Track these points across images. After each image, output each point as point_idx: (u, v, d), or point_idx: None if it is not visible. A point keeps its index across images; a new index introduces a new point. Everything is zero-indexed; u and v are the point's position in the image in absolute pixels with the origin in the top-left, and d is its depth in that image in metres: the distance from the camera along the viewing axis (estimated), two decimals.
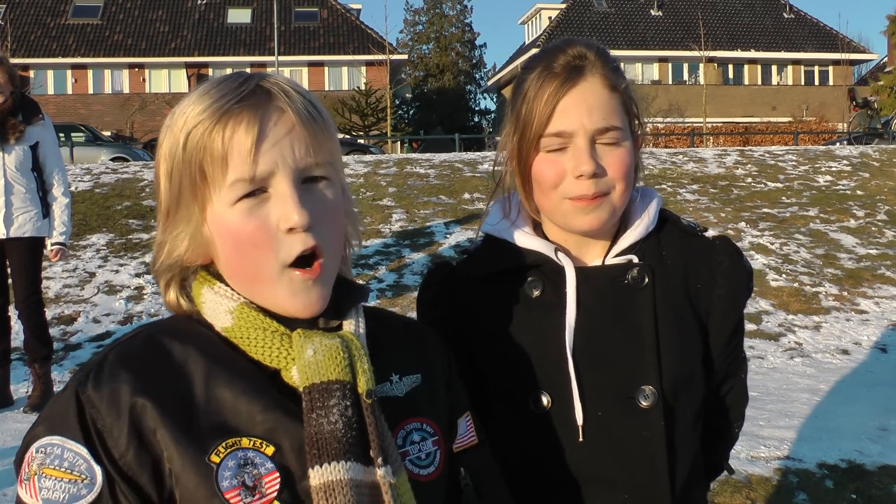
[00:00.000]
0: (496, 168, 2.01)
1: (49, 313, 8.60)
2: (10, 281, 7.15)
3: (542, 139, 1.82)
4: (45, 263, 7.38)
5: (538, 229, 1.96)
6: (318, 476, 1.30)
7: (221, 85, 1.40)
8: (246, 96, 1.37)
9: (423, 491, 1.42)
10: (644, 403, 1.79)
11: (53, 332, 8.30)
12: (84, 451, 1.29)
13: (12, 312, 7.24)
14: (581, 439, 1.80)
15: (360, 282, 1.61)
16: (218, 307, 1.42)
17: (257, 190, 1.36)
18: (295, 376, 1.37)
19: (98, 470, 1.29)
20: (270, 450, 1.33)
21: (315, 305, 1.41)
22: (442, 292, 1.98)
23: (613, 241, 1.90)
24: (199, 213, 1.41)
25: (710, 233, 1.99)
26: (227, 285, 1.44)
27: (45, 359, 7.10)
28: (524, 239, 1.91)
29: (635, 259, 1.86)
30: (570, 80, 1.81)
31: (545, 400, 1.82)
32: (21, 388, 7.29)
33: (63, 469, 1.29)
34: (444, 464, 1.53)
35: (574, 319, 1.82)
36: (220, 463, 1.30)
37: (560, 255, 1.86)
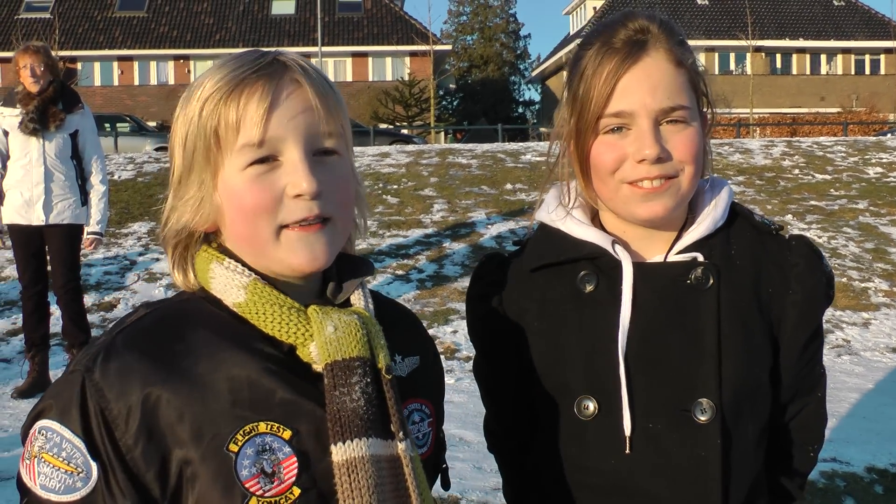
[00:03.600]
0: (550, 160, 1.86)
1: (89, 300, 8.66)
2: (49, 267, 7.22)
3: (602, 120, 1.67)
4: (86, 250, 7.45)
5: (596, 220, 1.81)
6: (341, 453, 1.32)
7: (239, 58, 1.43)
8: (263, 67, 1.40)
9: None
10: (700, 418, 1.63)
11: (93, 318, 8.33)
12: (81, 446, 1.29)
13: (52, 298, 7.29)
14: (627, 451, 1.66)
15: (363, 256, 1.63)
16: (230, 283, 1.41)
17: (269, 157, 1.38)
18: (313, 352, 1.37)
19: (94, 466, 1.29)
20: (288, 434, 1.34)
21: (319, 259, 1.41)
22: (490, 285, 1.86)
23: (678, 236, 1.75)
24: (210, 178, 1.42)
25: (788, 232, 1.81)
26: (236, 260, 1.43)
27: (84, 345, 7.07)
28: (579, 229, 1.77)
29: (700, 257, 1.71)
30: (631, 56, 1.66)
31: (591, 406, 1.68)
32: (60, 373, 7.25)
33: (61, 459, 1.29)
34: (434, 445, 1.58)
35: (628, 320, 1.67)
36: (238, 451, 1.30)
37: (617, 248, 1.72)
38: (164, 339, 1.37)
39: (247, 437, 1.31)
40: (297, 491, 1.31)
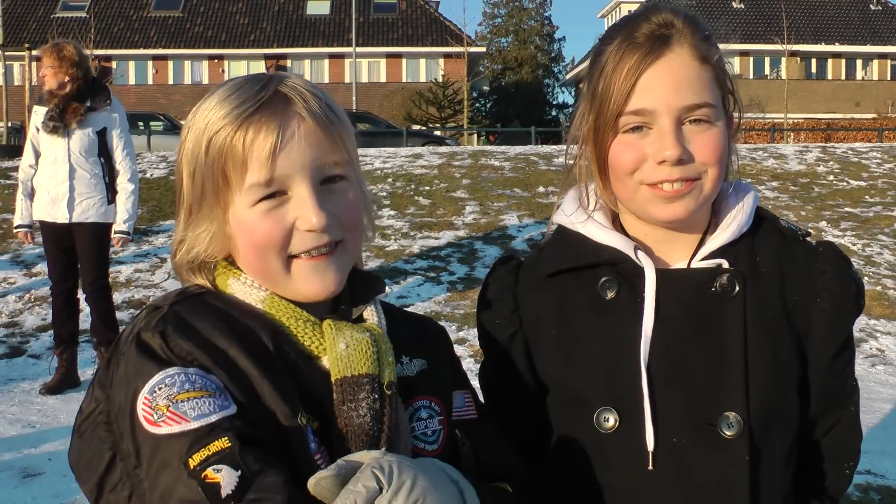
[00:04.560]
0: (568, 161, 1.79)
1: (119, 297, 8.72)
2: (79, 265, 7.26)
3: (621, 118, 1.60)
4: (114, 249, 7.47)
5: (617, 223, 1.74)
6: None
7: (241, 90, 1.45)
8: (265, 103, 1.42)
9: None
10: (727, 433, 1.56)
11: (123, 315, 8.36)
12: (202, 372, 1.32)
13: (82, 295, 7.33)
14: (650, 468, 1.58)
15: (376, 274, 1.69)
16: (248, 297, 1.47)
17: (277, 192, 1.42)
18: (326, 366, 1.41)
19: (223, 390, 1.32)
20: (316, 425, 1.38)
21: (330, 287, 1.46)
22: (505, 289, 1.79)
23: (702, 241, 1.68)
24: (221, 213, 1.46)
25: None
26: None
27: (111, 343, 7.07)
28: (600, 233, 1.70)
29: (725, 264, 1.64)
30: (654, 52, 1.59)
31: (612, 419, 1.61)
32: (89, 370, 7.34)
33: (196, 389, 1.29)
34: (446, 443, 1.56)
35: (651, 329, 1.60)
36: (306, 425, 1.35)
37: (640, 254, 1.65)
38: (219, 317, 1.41)
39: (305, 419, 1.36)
40: None
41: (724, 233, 1.66)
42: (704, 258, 1.66)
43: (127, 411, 1.30)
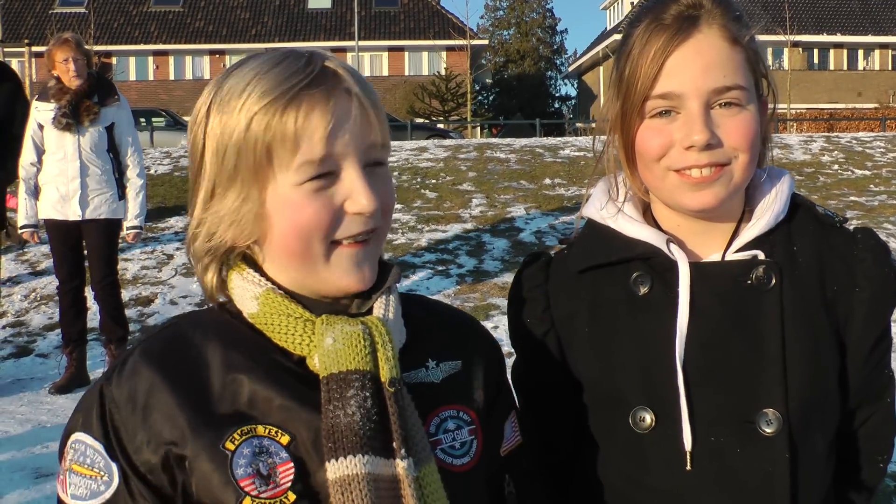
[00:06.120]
0: (595, 153, 1.74)
1: (127, 294, 8.70)
2: (86, 263, 7.22)
3: (648, 102, 1.55)
4: (124, 244, 7.42)
5: (648, 214, 1.69)
6: (335, 470, 1.28)
7: (283, 65, 1.37)
8: (315, 79, 1.35)
9: (456, 482, 1.39)
10: (767, 430, 1.51)
11: (131, 312, 8.35)
12: (101, 448, 1.32)
13: (89, 293, 7.30)
14: (689, 468, 1.54)
15: (389, 261, 1.57)
16: (245, 293, 1.41)
17: (328, 173, 1.35)
18: (317, 364, 1.35)
19: (114, 467, 1.31)
20: (286, 439, 1.32)
21: (367, 280, 1.41)
22: (535, 288, 1.74)
23: (736, 231, 1.62)
24: (258, 193, 1.37)
25: (851, 224, 1.68)
26: (256, 271, 1.42)
27: (121, 340, 7.17)
28: (632, 227, 1.64)
29: (761, 255, 1.58)
30: (681, 33, 1.53)
31: (648, 418, 1.56)
32: (98, 368, 7.32)
33: (86, 466, 1.33)
34: (481, 455, 1.48)
35: (686, 325, 1.55)
36: (234, 450, 1.29)
37: (672, 247, 1.59)
38: (174, 347, 1.39)
39: (244, 437, 1.30)
40: (291, 496, 1.29)
41: (759, 222, 1.61)
42: (739, 249, 1.61)
43: (63, 437, 1.39)
